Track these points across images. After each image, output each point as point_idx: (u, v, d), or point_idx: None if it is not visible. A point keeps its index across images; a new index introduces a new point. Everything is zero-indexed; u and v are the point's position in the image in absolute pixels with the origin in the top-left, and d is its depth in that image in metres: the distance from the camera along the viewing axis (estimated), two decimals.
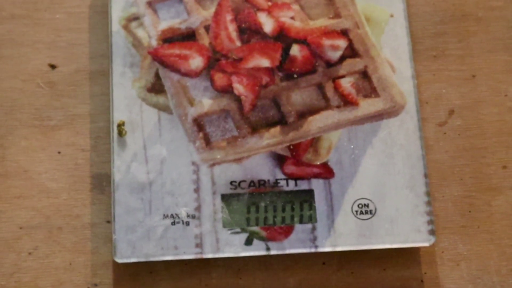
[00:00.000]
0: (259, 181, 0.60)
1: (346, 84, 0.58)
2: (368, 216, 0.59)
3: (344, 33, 0.60)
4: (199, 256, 0.58)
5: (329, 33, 0.60)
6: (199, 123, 0.56)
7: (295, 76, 0.59)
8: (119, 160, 0.60)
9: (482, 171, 0.63)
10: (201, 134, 0.56)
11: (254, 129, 0.56)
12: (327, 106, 0.57)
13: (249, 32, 0.60)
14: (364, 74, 0.59)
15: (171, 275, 0.60)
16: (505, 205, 0.62)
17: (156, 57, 0.58)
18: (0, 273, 0.60)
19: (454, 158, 0.63)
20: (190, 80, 0.57)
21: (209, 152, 0.55)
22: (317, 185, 0.60)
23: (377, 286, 0.60)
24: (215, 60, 0.59)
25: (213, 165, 0.57)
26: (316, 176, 0.60)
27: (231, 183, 0.60)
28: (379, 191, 0.60)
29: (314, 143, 0.59)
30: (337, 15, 0.61)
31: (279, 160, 0.60)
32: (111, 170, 0.60)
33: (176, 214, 0.59)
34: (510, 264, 0.61)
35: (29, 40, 0.65)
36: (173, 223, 0.59)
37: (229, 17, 0.59)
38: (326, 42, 0.59)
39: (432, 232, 0.59)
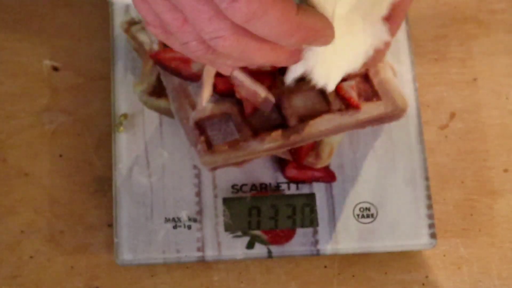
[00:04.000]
0: (261, 184, 0.60)
1: (348, 87, 0.58)
2: (370, 219, 0.59)
3: None
4: (200, 260, 0.58)
5: None
6: (200, 127, 0.56)
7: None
8: (121, 163, 0.60)
9: (483, 174, 0.63)
10: (202, 138, 0.56)
11: (256, 133, 0.56)
12: (329, 110, 0.57)
13: None
14: (366, 78, 0.59)
15: (173, 279, 0.60)
16: (507, 208, 0.62)
17: (157, 61, 0.57)
18: (1, 276, 0.60)
19: (455, 161, 0.63)
20: (191, 84, 0.57)
21: (210, 155, 0.55)
22: (318, 188, 0.60)
23: None
24: None
25: (214, 168, 0.57)
26: (318, 179, 0.60)
27: (232, 186, 0.60)
28: (380, 195, 0.60)
29: (315, 146, 0.59)
30: None
31: (281, 163, 0.60)
32: (112, 173, 0.60)
33: (177, 218, 0.59)
34: None
35: (31, 43, 0.65)
36: (175, 227, 0.59)
37: None
38: None
39: (433, 236, 0.59)
